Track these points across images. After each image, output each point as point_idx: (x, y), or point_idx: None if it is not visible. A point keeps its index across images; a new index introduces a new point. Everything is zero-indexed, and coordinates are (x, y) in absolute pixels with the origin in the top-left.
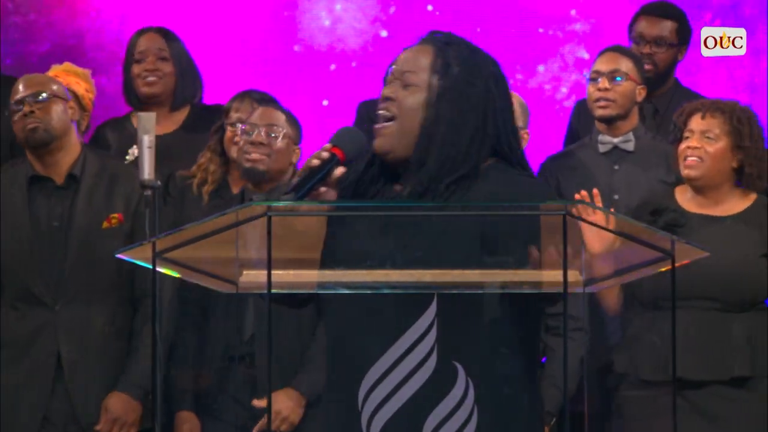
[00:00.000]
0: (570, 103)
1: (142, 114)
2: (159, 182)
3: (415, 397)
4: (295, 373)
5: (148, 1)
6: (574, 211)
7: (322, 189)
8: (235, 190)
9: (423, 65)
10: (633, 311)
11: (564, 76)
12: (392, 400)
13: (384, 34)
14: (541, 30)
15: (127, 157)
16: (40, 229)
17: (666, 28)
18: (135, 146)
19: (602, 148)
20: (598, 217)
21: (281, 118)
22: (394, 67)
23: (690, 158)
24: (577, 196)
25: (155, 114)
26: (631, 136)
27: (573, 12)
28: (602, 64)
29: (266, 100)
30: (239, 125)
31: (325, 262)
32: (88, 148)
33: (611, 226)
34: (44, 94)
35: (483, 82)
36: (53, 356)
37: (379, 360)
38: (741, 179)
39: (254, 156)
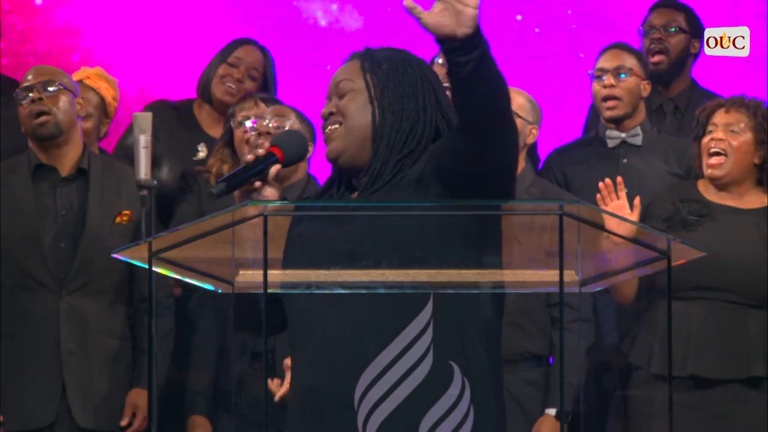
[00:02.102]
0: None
1: (138, 114)
2: (155, 182)
3: (411, 397)
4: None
5: (144, 3)
6: (572, 209)
7: (257, 183)
8: None
9: (353, 71)
10: (643, 303)
11: (559, 75)
12: (388, 401)
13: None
14: (537, 30)
15: (200, 154)
16: (46, 218)
17: (675, 15)
18: (203, 144)
19: (611, 143)
20: (597, 216)
21: (291, 114)
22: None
23: (714, 156)
24: (601, 185)
25: (151, 114)
26: (638, 130)
27: (569, 12)
28: (606, 61)
29: (270, 100)
30: (248, 122)
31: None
32: (88, 148)
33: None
34: (53, 86)
35: (414, 67)
36: (57, 346)
37: (375, 360)
38: (762, 177)
39: (261, 151)
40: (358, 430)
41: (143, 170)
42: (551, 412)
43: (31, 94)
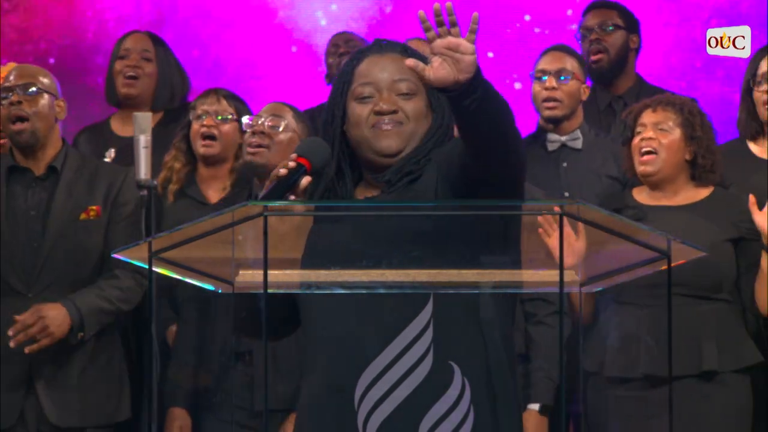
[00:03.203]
0: None
1: (138, 114)
2: (155, 182)
3: (411, 397)
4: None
5: (145, 2)
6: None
7: (291, 197)
8: (204, 189)
9: (408, 71)
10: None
11: None
12: (388, 400)
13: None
14: (537, 30)
15: (106, 159)
16: (17, 218)
17: (609, 14)
18: (111, 149)
19: (550, 147)
20: (598, 216)
21: (288, 112)
22: (368, 78)
23: (645, 155)
24: (540, 219)
25: (151, 114)
26: (578, 133)
27: (569, 12)
28: (548, 64)
29: (233, 97)
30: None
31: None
32: (69, 146)
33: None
34: (34, 88)
35: None
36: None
37: (376, 360)
38: (694, 172)
39: (252, 149)
40: (358, 430)
41: (143, 170)
42: (534, 407)
43: (11, 95)
